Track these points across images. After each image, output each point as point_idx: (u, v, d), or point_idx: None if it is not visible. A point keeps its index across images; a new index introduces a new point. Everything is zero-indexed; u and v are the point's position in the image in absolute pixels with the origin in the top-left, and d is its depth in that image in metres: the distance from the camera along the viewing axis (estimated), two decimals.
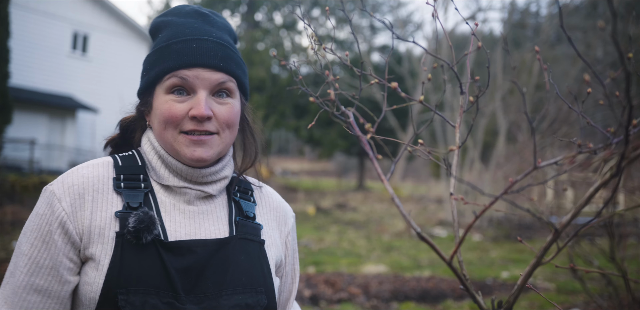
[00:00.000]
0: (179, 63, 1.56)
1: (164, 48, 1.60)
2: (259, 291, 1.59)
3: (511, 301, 1.07)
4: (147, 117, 1.67)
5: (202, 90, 1.57)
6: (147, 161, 1.64)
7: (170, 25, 1.64)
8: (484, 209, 0.94)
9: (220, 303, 1.51)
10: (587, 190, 0.92)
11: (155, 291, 1.45)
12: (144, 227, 1.47)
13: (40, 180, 17.51)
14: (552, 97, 7.41)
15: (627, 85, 0.86)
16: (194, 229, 1.58)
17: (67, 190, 1.52)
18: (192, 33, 1.61)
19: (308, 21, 1.29)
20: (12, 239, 10.28)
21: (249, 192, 1.77)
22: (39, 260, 1.48)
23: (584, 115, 1.18)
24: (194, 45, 1.58)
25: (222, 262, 1.56)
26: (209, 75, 1.57)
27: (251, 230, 1.66)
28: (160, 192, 1.61)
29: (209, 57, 1.57)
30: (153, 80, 1.60)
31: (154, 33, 1.69)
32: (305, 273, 9.81)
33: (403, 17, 35.33)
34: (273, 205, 1.83)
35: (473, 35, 1.25)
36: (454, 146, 1.18)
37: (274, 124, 34.34)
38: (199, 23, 1.64)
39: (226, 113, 1.60)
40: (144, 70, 1.64)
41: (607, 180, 0.95)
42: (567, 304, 7.59)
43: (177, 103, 1.56)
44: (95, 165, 1.60)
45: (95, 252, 1.48)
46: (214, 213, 1.65)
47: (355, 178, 40.58)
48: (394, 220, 19.38)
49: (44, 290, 1.48)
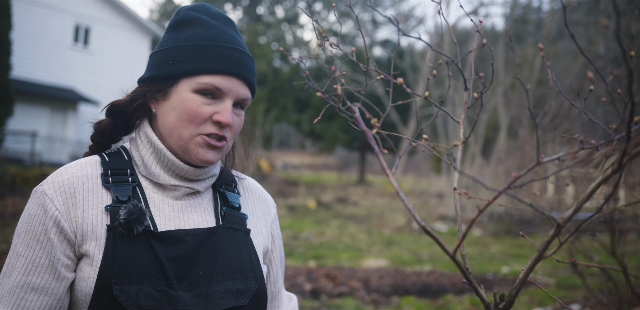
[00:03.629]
0: (220, 68, 1.59)
1: (205, 47, 1.60)
2: (248, 277, 1.64)
3: (513, 294, 1.09)
4: (152, 104, 1.67)
5: (229, 99, 1.61)
6: (135, 156, 1.67)
7: (205, 24, 1.65)
8: (488, 203, 0.95)
9: (211, 289, 1.56)
10: (587, 186, 0.93)
11: (148, 280, 1.49)
12: (135, 218, 1.50)
13: (42, 172, 17.52)
14: (554, 93, 7.40)
15: (629, 82, 0.87)
16: (183, 221, 1.63)
17: (58, 190, 1.55)
18: (232, 42, 1.64)
19: (315, 16, 1.30)
20: (13, 231, 10.30)
21: (232, 184, 1.82)
22: (35, 260, 1.51)
23: (585, 111, 1.19)
24: (236, 55, 1.62)
25: (211, 250, 1.61)
26: (240, 88, 1.62)
27: (237, 220, 1.72)
28: (149, 188, 1.64)
29: (246, 71, 1.63)
30: (183, 73, 1.60)
31: (182, 25, 1.67)
32: (306, 267, 9.83)
33: (405, 12, 35.18)
34: (256, 196, 1.89)
35: (477, 32, 1.26)
36: (457, 141, 1.19)
37: (275, 117, 34.28)
38: (232, 31, 1.68)
39: (238, 124, 1.66)
40: (170, 58, 1.62)
41: (608, 176, 0.97)
42: (567, 299, 7.61)
43: (204, 105, 1.59)
44: (83, 164, 1.63)
45: (89, 248, 1.51)
46: (201, 205, 1.70)
47: (356, 172, 40.58)
48: (394, 215, 19.40)
49: (41, 288, 1.50)
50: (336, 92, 1.11)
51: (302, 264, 10.21)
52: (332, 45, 1.29)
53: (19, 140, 22.56)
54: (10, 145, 21.55)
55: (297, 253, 11.29)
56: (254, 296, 1.64)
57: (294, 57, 1.32)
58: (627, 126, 0.92)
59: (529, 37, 25.13)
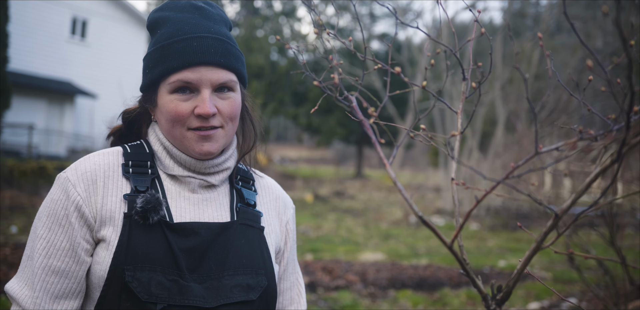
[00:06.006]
0: (181, 63, 1.59)
1: (166, 47, 1.62)
2: (259, 273, 1.65)
3: (511, 285, 1.09)
4: (152, 112, 1.73)
5: (205, 89, 1.61)
6: (154, 150, 1.70)
7: (169, 21, 1.66)
8: (486, 193, 0.95)
9: (222, 283, 1.59)
10: (585, 179, 0.92)
11: (160, 269, 1.52)
12: (151, 207, 1.54)
13: (39, 165, 17.52)
14: (552, 86, 7.40)
15: (629, 71, 0.87)
16: (198, 214, 1.65)
17: (80, 177, 1.59)
18: (191, 30, 1.63)
19: (314, 7, 1.29)
20: (11, 223, 10.31)
21: (250, 181, 1.84)
22: (56, 243, 1.55)
23: (585, 102, 1.19)
24: (195, 43, 1.61)
25: (224, 244, 1.63)
26: (212, 74, 1.61)
27: (251, 216, 1.73)
28: (167, 181, 1.68)
29: (210, 55, 1.61)
30: (157, 79, 1.63)
31: (153, 28, 1.70)
32: (303, 260, 9.84)
33: (403, 5, 35.13)
34: (273, 195, 1.90)
35: (476, 21, 1.26)
36: (455, 132, 1.18)
37: (273, 111, 34.30)
38: (197, 18, 1.67)
39: (229, 108, 1.65)
40: (146, 67, 1.67)
41: (607, 166, 0.96)
42: (563, 293, 7.63)
43: (182, 102, 1.60)
44: (105, 153, 1.67)
45: (106, 234, 1.55)
46: (217, 200, 1.72)
47: (353, 166, 40.58)
48: (391, 208, 19.44)
49: (62, 271, 1.54)
50: (333, 81, 1.10)
51: (299, 257, 10.22)
52: (330, 34, 1.28)
53: (16, 132, 22.52)
54: (8, 137, 21.51)
55: None
56: (264, 292, 1.65)
57: (291, 46, 1.31)
58: (627, 116, 0.91)
59: (527, 31, 25.10)
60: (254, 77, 33.61)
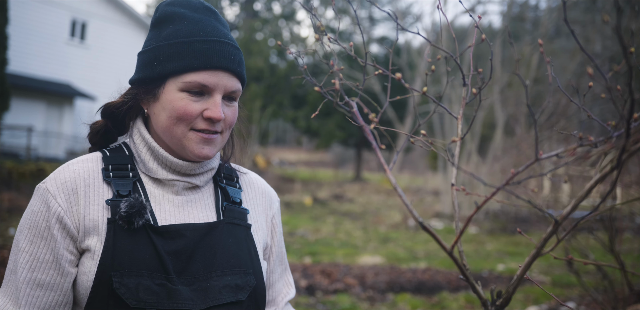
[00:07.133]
0: (203, 64, 1.57)
1: (187, 44, 1.59)
2: (247, 273, 1.65)
3: (510, 291, 1.09)
4: (145, 105, 1.68)
5: (218, 94, 1.60)
6: (135, 152, 1.67)
7: (185, 19, 1.63)
8: (486, 200, 0.95)
9: (210, 284, 1.57)
10: (584, 185, 0.92)
11: (148, 273, 1.50)
12: (135, 211, 1.51)
13: (38, 167, 17.50)
14: (551, 90, 7.40)
15: (629, 79, 0.87)
16: (183, 216, 1.64)
17: (60, 187, 1.56)
18: (213, 33, 1.61)
19: (314, 11, 1.29)
20: (9, 225, 10.28)
21: (234, 178, 1.82)
22: (39, 256, 1.53)
23: (584, 108, 1.19)
24: (218, 47, 1.60)
25: (211, 245, 1.61)
26: (227, 80, 1.60)
27: (238, 215, 1.72)
28: (149, 184, 1.65)
29: (231, 62, 1.61)
30: (168, 73, 1.59)
31: (164, 22, 1.66)
32: (302, 263, 9.83)
33: (402, 9, 35.16)
34: (258, 190, 1.89)
35: (476, 27, 1.26)
36: (455, 137, 1.19)
37: (272, 114, 34.25)
38: (214, 22, 1.65)
39: (232, 116, 1.65)
40: (154, 59, 1.62)
41: (607, 172, 0.96)
42: (562, 297, 7.63)
43: (192, 102, 1.58)
44: (84, 160, 1.64)
45: (91, 243, 1.53)
46: (202, 200, 1.70)
47: (352, 169, 40.57)
48: (390, 212, 19.42)
49: (46, 284, 1.52)
50: (333, 87, 1.10)
51: (297, 260, 10.22)
52: (330, 39, 1.28)
53: (15, 134, 22.49)
54: (6, 139, 21.49)
55: (292, 249, 11.29)
56: (253, 291, 1.65)
57: (292, 51, 1.31)
58: (627, 123, 0.91)
59: (526, 35, 25.12)
60: (253, 79, 33.59)
